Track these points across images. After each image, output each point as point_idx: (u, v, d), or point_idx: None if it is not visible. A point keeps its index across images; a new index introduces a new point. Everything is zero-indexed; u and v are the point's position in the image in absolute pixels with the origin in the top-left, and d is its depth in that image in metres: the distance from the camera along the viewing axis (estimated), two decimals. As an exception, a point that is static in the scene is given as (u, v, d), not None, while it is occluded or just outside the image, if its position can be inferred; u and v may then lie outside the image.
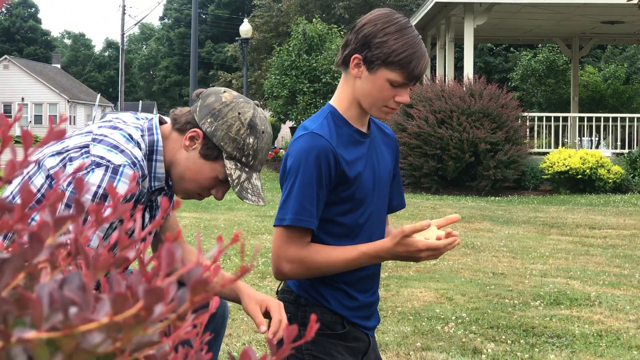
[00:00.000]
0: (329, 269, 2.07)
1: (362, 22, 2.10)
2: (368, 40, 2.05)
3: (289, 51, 25.06)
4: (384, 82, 2.04)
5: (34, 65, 56.36)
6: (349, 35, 2.11)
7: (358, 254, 2.05)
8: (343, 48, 2.12)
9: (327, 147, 2.04)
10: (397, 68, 2.03)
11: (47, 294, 0.57)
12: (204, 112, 2.15)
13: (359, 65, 2.07)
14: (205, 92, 2.21)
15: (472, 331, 5.17)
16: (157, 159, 2.16)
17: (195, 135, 2.14)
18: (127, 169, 2.00)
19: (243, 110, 2.17)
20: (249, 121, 2.16)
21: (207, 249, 7.48)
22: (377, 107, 2.09)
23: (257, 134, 2.17)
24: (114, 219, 0.68)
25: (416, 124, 15.52)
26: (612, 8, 17.68)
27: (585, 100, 27.07)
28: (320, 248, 2.06)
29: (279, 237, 2.06)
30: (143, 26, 79.03)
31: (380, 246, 2.05)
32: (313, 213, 2.03)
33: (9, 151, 0.64)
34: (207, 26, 61.88)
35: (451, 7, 17.88)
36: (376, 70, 2.04)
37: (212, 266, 0.65)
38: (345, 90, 2.14)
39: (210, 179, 2.16)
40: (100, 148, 2.03)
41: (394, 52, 2.02)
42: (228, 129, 2.13)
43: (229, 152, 2.13)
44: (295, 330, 0.66)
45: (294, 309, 2.15)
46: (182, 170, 2.16)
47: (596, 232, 10.27)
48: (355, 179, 2.09)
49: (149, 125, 2.18)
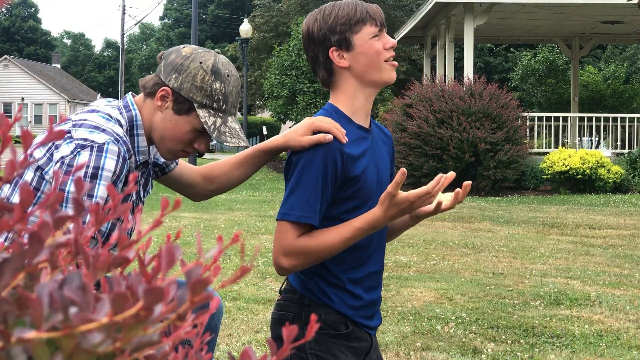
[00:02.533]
0: (327, 251, 2.05)
1: (305, 31, 2.15)
2: (324, 32, 2.09)
3: (289, 51, 25.06)
4: (366, 42, 2.09)
5: (34, 65, 56.38)
6: (309, 52, 2.15)
7: (353, 230, 2.05)
8: (316, 65, 2.14)
9: (334, 144, 2.05)
10: (363, 23, 2.09)
11: (47, 294, 0.57)
12: (167, 69, 2.20)
13: (340, 55, 2.10)
14: (167, 52, 2.26)
15: (472, 331, 5.17)
16: (138, 133, 2.22)
17: (165, 94, 2.19)
18: (111, 145, 2.05)
19: (204, 58, 2.21)
20: (211, 67, 2.20)
21: (207, 249, 7.48)
22: (381, 67, 2.12)
23: (222, 78, 2.21)
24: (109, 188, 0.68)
25: (416, 124, 15.52)
26: (612, 8, 17.68)
27: (585, 100, 27.07)
28: (314, 234, 2.06)
29: (280, 232, 2.06)
30: (143, 26, 79.04)
31: (372, 216, 2.05)
32: (316, 209, 2.03)
33: (9, 151, 0.64)
34: (207, 26, 61.90)
35: (451, 7, 17.88)
36: (353, 41, 2.09)
37: (212, 266, 0.65)
38: (341, 90, 2.14)
39: (188, 133, 2.21)
40: (82, 131, 2.08)
41: (349, 16, 2.08)
42: (193, 80, 2.17)
43: (199, 102, 2.18)
44: (295, 329, 0.66)
45: (297, 309, 2.14)
46: (162, 131, 2.21)
47: (596, 232, 10.27)
48: (361, 175, 2.10)
49: (125, 103, 2.24)
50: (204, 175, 2.47)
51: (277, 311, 2.19)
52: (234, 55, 40.51)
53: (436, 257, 8.10)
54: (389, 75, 2.14)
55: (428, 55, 23.32)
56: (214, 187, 2.46)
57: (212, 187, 2.47)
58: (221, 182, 2.45)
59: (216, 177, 2.45)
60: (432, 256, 8.14)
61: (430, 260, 7.91)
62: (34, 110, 52.92)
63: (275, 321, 2.19)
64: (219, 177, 2.45)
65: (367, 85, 2.13)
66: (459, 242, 9.12)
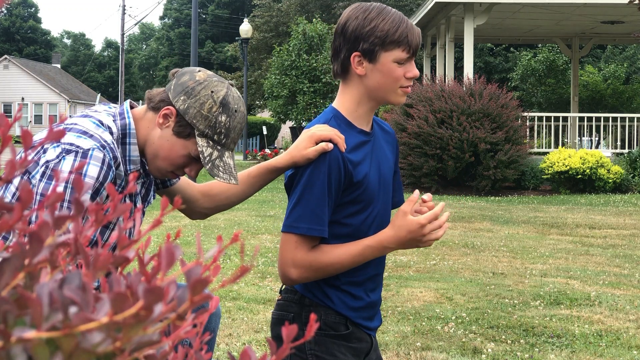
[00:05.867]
0: (336, 268, 2.07)
1: (342, 22, 2.11)
2: (358, 34, 2.06)
3: (289, 51, 25.06)
4: (390, 64, 2.06)
5: (34, 65, 56.37)
6: (336, 42, 2.12)
7: (363, 248, 2.06)
8: (335, 57, 2.12)
9: (336, 152, 2.05)
10: (397, 46, 2.05)
11: (47, 294, 0.57)
12: (177, 90, 2.17)
13: (361, 62, 2.08)
14: (180, 71, 2.24)
15: (472, 331, 5.17)
16: (131, 142, 2.19)
17: (169, 113, 2.16)
18: (96, 151, 2.04)
19: (216, 88, 2.18)
20: (221, 99, 2.17)
21: (206, 249, 7.47)
22: (394, 91, 2.10)
23: (230, 113, 2.18)
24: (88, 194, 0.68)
25: (416, 123, 15.52)
26: (612, 8, 17.68)
27: (585, 100, 27.07)
28: (325, 248, 2.06)
29: (288, 244, 2.05)
30: (143, 26, 79.04)
31: (382, 236, 2.06)
32: (325, 221, 2.03)
33: (9, 151, 0.64)
34: (207, 26, 61.88)
35: (451, 7, 17.88)
36: (378, 57, 2.06)
37: (211, 266, 0.65)
38: (349, 93, 2.14)
39: (182, 157, 2.18)
40: (69, 135, 2.06)
41: (388, 33, 2.05)
42: (200, 107, 2.15)
43: (201, 130, 2.15)
44: (295, 329, 0.66)
45: (298, 309, 2.14)
46: (156, 149, 2.19)
47: (596, 232, 10.27)
48: (363, 180, 2.10)
49: (120, 110, 2.22)
50: (203, 193, 2.45)
51: (277, 311, 2.20)
52: (234, 55, 40.50)
53: (436, 257, 8.10)
54: (398, 100, 2.14)
55: (428, 55, 23.32)
56: (213, 205, 2.44)
57: (211, 205, 2.44)
58: (220, 200, 2.43)
59: (216, 195, 2.43)
60: (432, 256, 8.14)
61: (430, 260, 7.91)
62: (34, 110, 52.91)
63: (275, 321, 2.20)
64: (218, 195, 2.43)
65: (372, 98, 2.14)
66: (459, 242, 9.12)
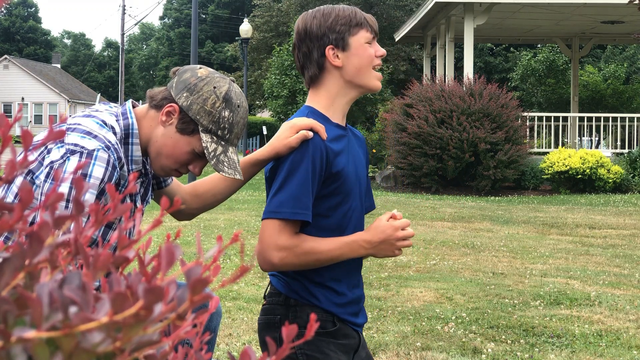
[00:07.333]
0: (317, 258, 2.08)
1: (302, 28, 2.19)
2: (324, 29, 2.15)
3: (289, 51, 25.07)
4: (362, 45, 2.17)
5: (34, 65, 56.37)
6: (303, 47, 2.18)
7: (340, 245, 2.10)
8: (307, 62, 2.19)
9: (318, 139, 2.09)
10: (361, 27, 2.17)
11: (47, 294, 0.57)
12: (179, 87, 2.18)
13: (335, 55, 2.15)
14: (182, 69, 2.24)
15: (472, 331, 5.17)
16: (133, 142, 2.19)
17: (172, 110, 2.17)
18: (101, 152, 2.04)
19: (219, 84, 2.19)
20: (224, 95, 2.18)
21: (206, 249, 7.47)
22: (369, 74, 2.19)
23: (233, 108, 2.19)
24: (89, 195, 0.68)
25: (416, 123, 15.52)
26: (612, 8, 17.68)
27: (585, 100, 27.06)
28: (307, 237, 2.09)
29: (270, 229, 2.05)
30: (143, 26, 79.02)
31: (358, 236, 2.12)
32: (309, 206, 2.05)
33: (9, 151, 0.64)
34: (207, 26, 61.87)
35: (451, 7, 17.88)
36: (349, 42, 2.16)
37: (211, 266, 0.65)
38: (324, 90, 2.20)
39: (186, 154, 2.19)
40: (73, 136, 2.06)
41: (349, 17, 2.17)
42: (203, 103, 2.16)
43: (204, 126, 2.16)
44: (295, 329, 0.66)
45: (284, 311, 2.15)
46: (159, 146, 2.19)
47: (596, 232, 10.27)
48: (341, 172, 2.14)
49: (123, 110, 2.22)
50: (190, 194, 2.45)
51: (263, 316, 2.21)
52: (234, 55, 40.50)
53: (436, 257, 8.10)
54: (375, 83, 2.22)
55: (428, 55, 23.32)
56: (200, 205, 2.44)
57: (198, 205, 2.44)
58: (207, 198, 2.43)
59: (202, 194, 2.44)
60: (432, 256, 8.14)
61: (430, 260, 7.91)
62: (34, 110, 52.91)
63: (262, 326, 2.21)
64: (204, 194, 2.44)
65: (352, 87, 2.20)
66: (459, 242, 9.12)
